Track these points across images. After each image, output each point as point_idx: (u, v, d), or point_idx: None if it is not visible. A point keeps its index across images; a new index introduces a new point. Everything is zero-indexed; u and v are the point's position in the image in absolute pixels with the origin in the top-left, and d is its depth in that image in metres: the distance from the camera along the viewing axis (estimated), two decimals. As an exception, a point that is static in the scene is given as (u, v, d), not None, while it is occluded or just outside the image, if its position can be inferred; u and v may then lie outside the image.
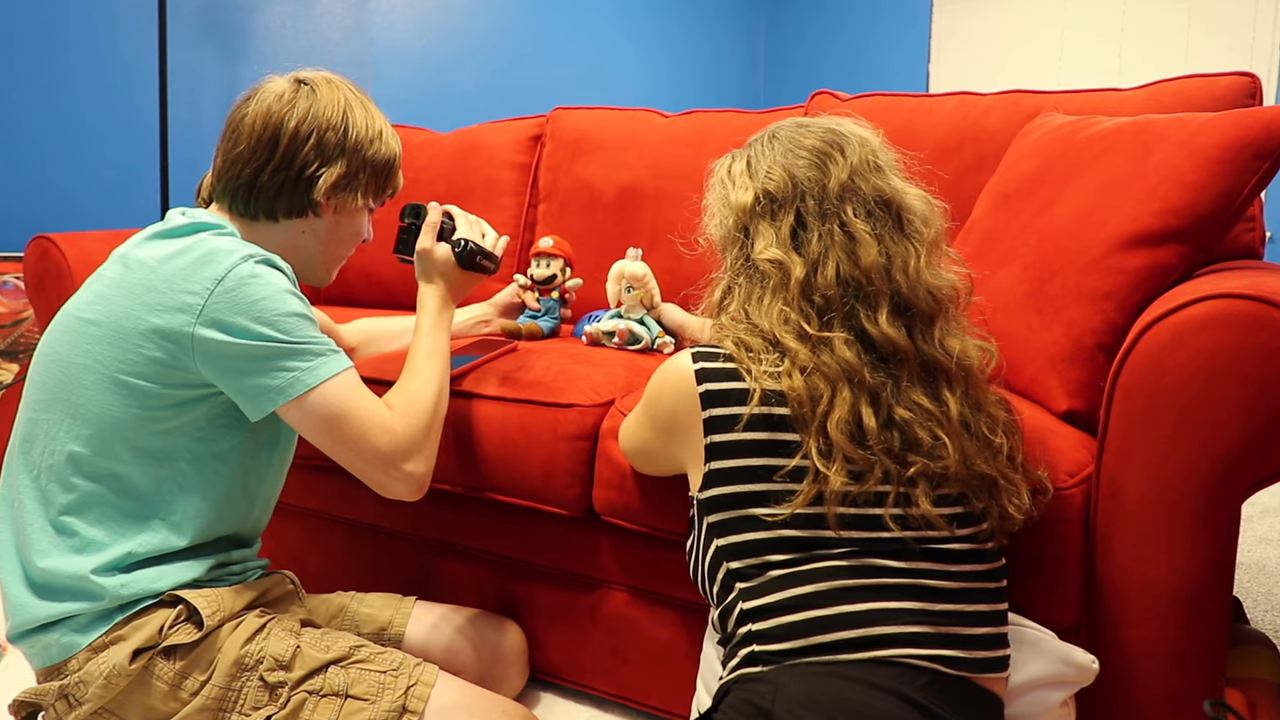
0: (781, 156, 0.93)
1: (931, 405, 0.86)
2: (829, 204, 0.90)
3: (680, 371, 0.92)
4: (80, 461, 0.99)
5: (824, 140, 0.93)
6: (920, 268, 0.90)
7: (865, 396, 0.85)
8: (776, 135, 0.97)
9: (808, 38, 4.73)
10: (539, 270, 1.64)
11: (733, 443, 0.87)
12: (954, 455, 0.85)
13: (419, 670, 1.07)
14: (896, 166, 0.95)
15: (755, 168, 0.95)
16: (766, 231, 0.91)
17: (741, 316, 0.92)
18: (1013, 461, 0.91)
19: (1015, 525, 0.90)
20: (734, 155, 1.00)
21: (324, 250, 1.17)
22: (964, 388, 0.89)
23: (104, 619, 0.98)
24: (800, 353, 0.86)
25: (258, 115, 1.09)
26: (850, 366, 0.85)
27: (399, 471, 1.06)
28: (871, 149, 0.94)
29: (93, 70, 2.46)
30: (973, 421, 0.88)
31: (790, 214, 0.91)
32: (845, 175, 0.90)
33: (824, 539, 0.84)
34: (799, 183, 0.91)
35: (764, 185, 0.93)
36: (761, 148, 0.97)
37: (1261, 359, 0.84)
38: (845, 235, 0.89)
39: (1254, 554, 2.02)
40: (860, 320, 0.87)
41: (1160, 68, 3.64)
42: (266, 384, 0.99)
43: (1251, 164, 1.00)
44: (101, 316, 1.00)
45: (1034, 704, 0.92)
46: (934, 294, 0.90)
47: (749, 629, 0.85)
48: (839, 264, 0.88)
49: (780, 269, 0.89)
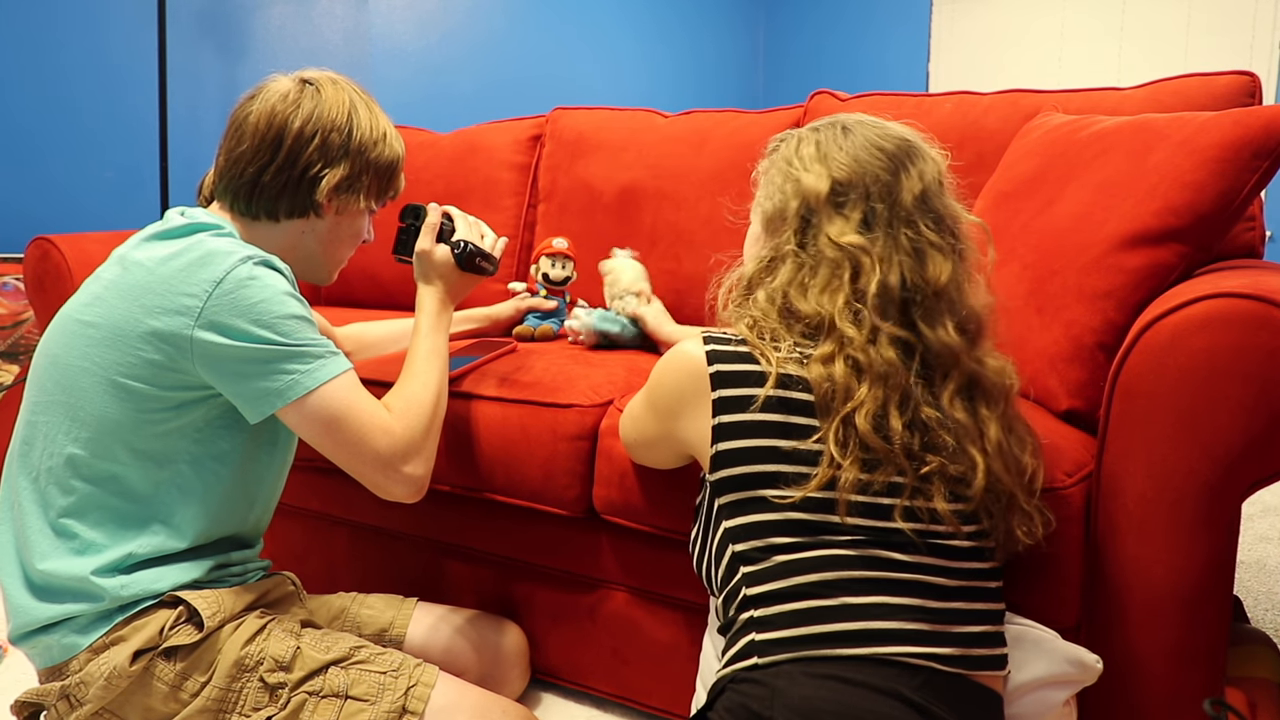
0: (856, 150, 0.93)
1: (968, 420, 0.87)
2: (900, 210, 0.90)
3: (690, 354, 0.92)
4: (79, 464, 0.99)
5: (899, 148, 0.93)
6: (976, 291, 0.92)
7: (897, 398, 0.85)
8: (850, 129, 0.95)
9: (807, 37, 4.73)
10: (556, 271, 1.64)
11: (746, 423, 0.87)
12: (980, 471, 0.85)
13: (419, 671, 1.07)
14: (954, 190, 0.96)
15: (827, 155, 0.94)
16: (839, 220, 0.91)
17: (778, 297, 0.92)
18: (1031, 488, 0.91)
19: (1018, 548, 0.91)
20: (800, 136, 0.98)
21: (324, 251, 1.17)
22: (1003, 407, 0.90)
23: (104, 620, 0.98)
24: (855, 340, 0.86)
25: (262, 114, 1.09)
26: (893, 366, 0.85)
27: (398, 474, 1.06)
28: (941, 168, 0.95)
29: (92, 71, 2.46)
30: (1006, 442, 0.89)
31: (859, 209, 0.91)
32: (919, 188, 0.91)
33: (831, 524, 0.84)
34: (870, 182, 0.91)
35: (836, 174, 0.92)
36: (834, 135, 0.95)
37: (1262, 358, 0.84)
38: (914, 244, 0.89)
39: (1254, 553, 2.02)
40: (917, 325, 0.88)
41: (1160, 67, 3.64)
42: (266, 387, 0.99)
43: (1251, 163, 1.00)
44: (99, 319, 1.00)
45: (1037, 703, 0.92)
46: (980, 317, 0.92)
47: (750, 615, 0.85)
48: (904, 269, 0.88)
49: (853, 258, 0.89)
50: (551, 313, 1.66)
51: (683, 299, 1.77)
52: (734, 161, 1.80)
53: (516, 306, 1.66)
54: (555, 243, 1.65)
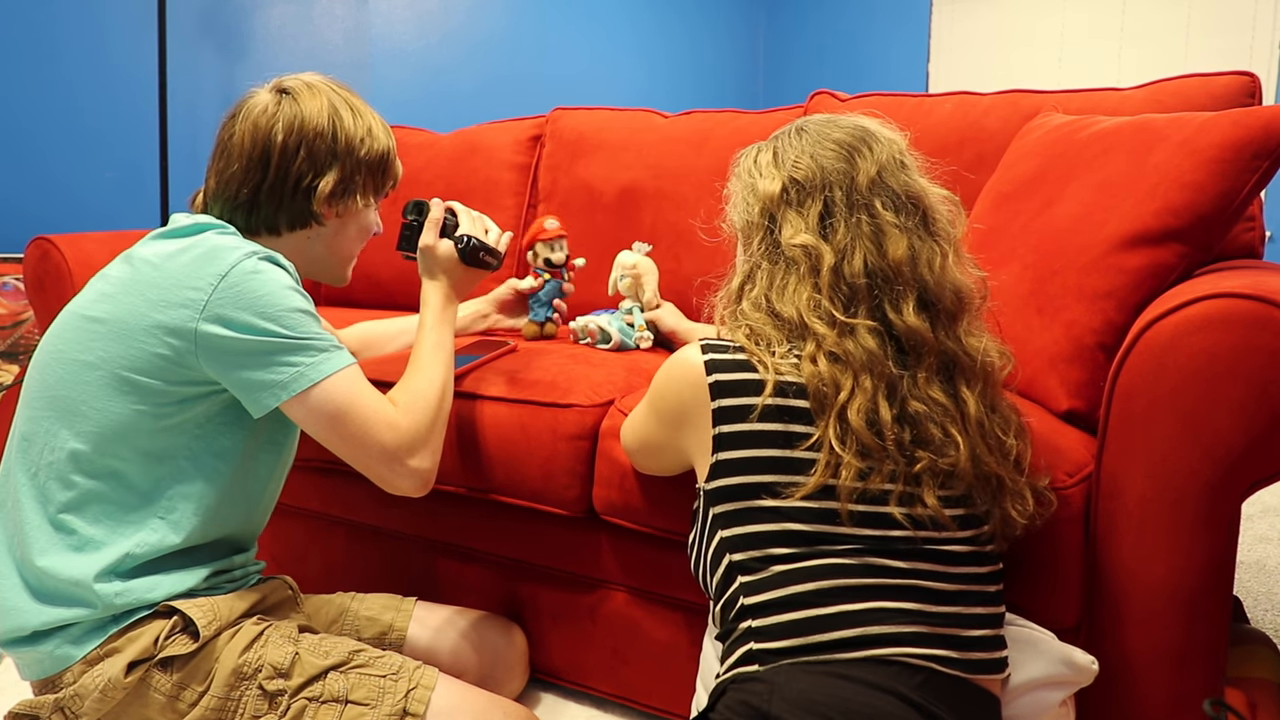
0: (810, 147, 0.94)
1: (947, 401, 0.87)
2: (857, 195, 0.91)
3: (689, 363, 0.92)
4: (81, 459, 0.99)
5: (852, 135, 0.94)
6: (948, 265, 0.91)
7: (884, 388, 0.85)
8: (804, 129, 0.97)
9: (807, 37, 4.73)
10: (555, 255, 1.62)
11: (743, 433, 0.87)
12: (964, 452, 0.85)
13: (419, 673, 1.06)
14: (921, 168, 0.96)
15: (782, 158, 0.96)
16: (795, 219, 0.92)
17: (762, 303, 0.92)
18: (1019, 466, 0.91)
19: (1016, 530, 0.91)
20: (760, 147, 1.00)
21: (333, 253, 1.18)
22: (982, 387, 0.90)
23: (98, 630, 0.98)
24: (828, 337, 0.86)
25: (245, 133, 1.09)
26: (874, 356, 0.86)
27: (404, 467, 1.06)
28: (899, 148, 0.95)
29: (93, 71, 2.46)
30: (987, 421, 0.89)
31: (818, 203, 0.92)
32: (874, 170, 0.91)
33: (829, 534, 0.84)
34: (827, 174, 0.92)
35: (791, 174, 0.93)
36: (789, 139, 0.97)
37: (1262, 358, 0.84)
38: (873, 227, 0.90)
39: (1254, 553, 2.02)
40: (885, 311, 0.88)
41: (1160, 68, 3.64)
42: (270, 379, 0.99)
43: (1251, 163, 1.00)
44: (106, 314, 1.00)
45: (1033, 704, 0.92)
46: (959, 292, 0.91)
47: (748, 625, 0.85)
48: (866, 255, 0.89)
49: (810, 255, 0.90)
50: (544, 299, 1.64)
51: (683, 299, 1.77)
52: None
53: (514, 288, 1.65)
54: (548, 225, 1.61)
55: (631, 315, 1.57)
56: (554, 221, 1.62)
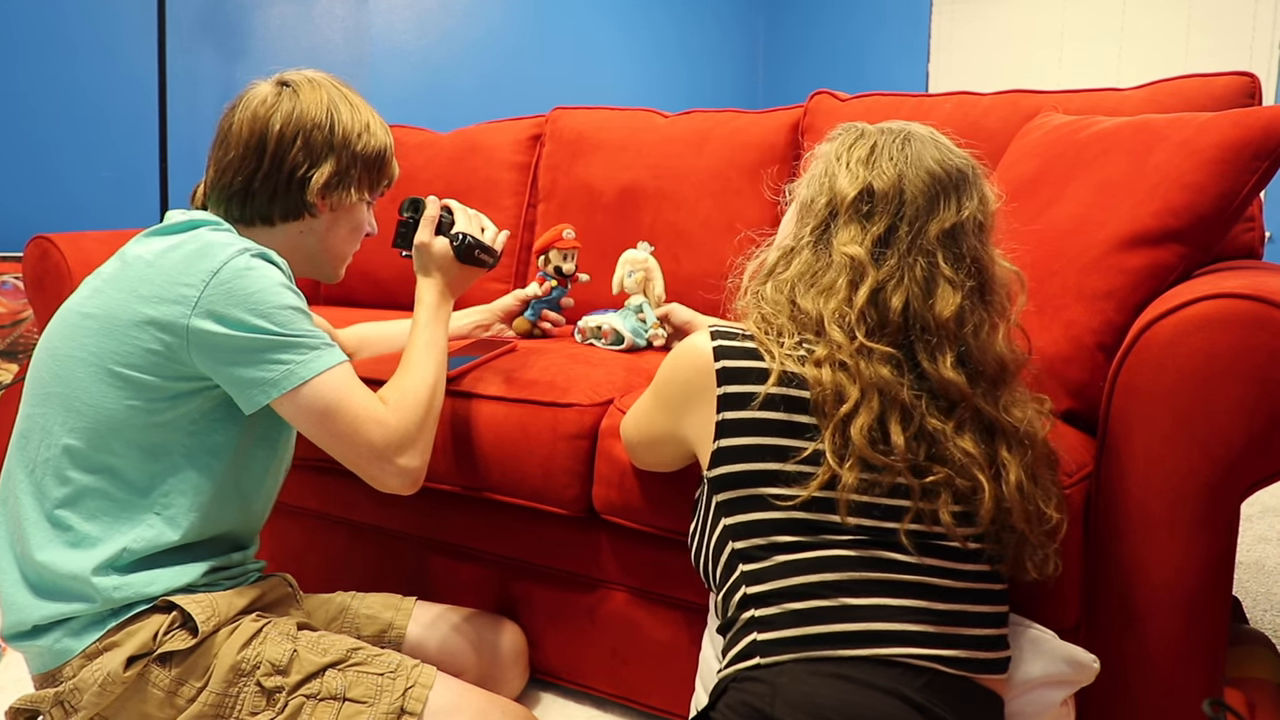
0: (904, 164, 0.90)
1: (978, 453, 0.85)
2: (924, 240, 0.88)
3: (698, 348, 0.92)
4: (75, 455, 0.99)
5: (949, 173, 0.90)
6: (996, 337, 0.89)
7: (896, 412, 0.84)
8: (911, 138, 0.92)
9: (807, 37, 4.72)
10: (567, 264, 1.63)
11: (747, 420, 0.87)
12: (988, 496, 0.84)
13: (417, 672, 1.06)
14: (995, 231, 0.94)
15: (877, 161, 0.91)
16: (855, 230, 0.89)
17: (785, 289, 0.91)
18: (1052, 536, 0.90)
19: (1024, 579, 0.91)
20: (863, 132, 0.95)
21: (326, 249, 1.18)
22: (1024, 455, 0.88)
23: (97, 624, 0.98)
24: (844, 347, 0.85)
25: (243, 121, 1.10)
26: (885, 381, 0.84)
27: (392, 465, 1.06)
28: (987, 211, 0.92)
29: (92, 70, 2.46)
30: (1028, 486, 0.87)
31: (882, 225, 0.89)
32: (949, 224, 0.88)
33: (833, 524, 0.84)
34: (905, 203, 0.89)
35: (873, 182, 0.90)
36: (890, 143, 0.92)
37: (1261, 358, 0.84)
38: (927, 275, 0.87)
39: (1254, 553, 2.02)
40: (916, 354, 0.87)
41: (1160, 68, 3.64)
42: (260, 376, 0.99)
43: (1251, 164, 1.00)
44: (97, 310, 1.01)
45: (1034, 703, 0.92)
46: (1002, 363, 0.89)
47: (751, 614, 0.84)
48: (911, 297, 0.87)
49: (856, 270, 0.88)
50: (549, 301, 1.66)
51: (683, 299, 1.76)
52: (734, 161, 1.80)
53: (518, 296, 1.66)
54: (566, 234, 1.62)
55: (643, 312, 1.57)
56: (572, 232, 1.63)
